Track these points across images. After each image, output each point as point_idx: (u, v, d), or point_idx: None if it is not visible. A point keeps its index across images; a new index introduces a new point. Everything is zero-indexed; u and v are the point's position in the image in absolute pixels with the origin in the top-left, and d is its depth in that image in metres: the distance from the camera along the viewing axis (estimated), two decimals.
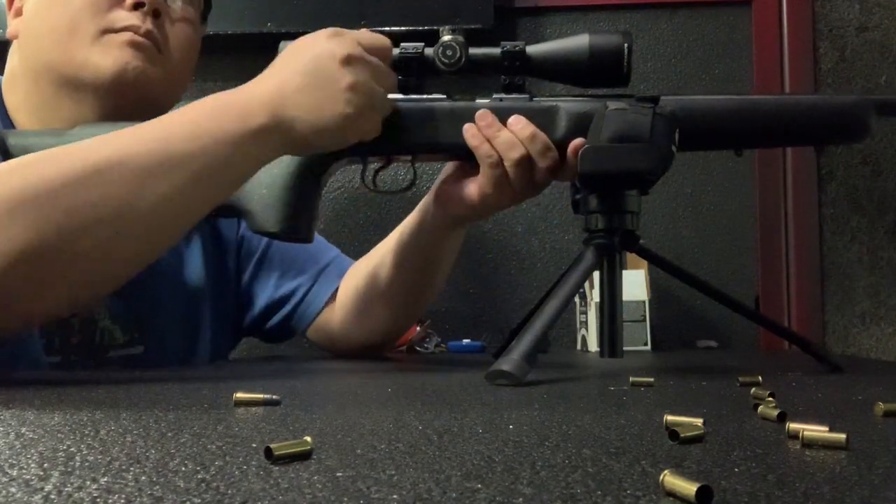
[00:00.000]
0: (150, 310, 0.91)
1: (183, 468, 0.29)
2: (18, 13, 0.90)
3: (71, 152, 0.66)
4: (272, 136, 0.69)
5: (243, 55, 1.36)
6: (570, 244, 1.39)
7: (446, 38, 0.76)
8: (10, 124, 0.89)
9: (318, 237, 0.96)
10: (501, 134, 0.75)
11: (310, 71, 0.69)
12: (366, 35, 0.73)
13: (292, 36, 0.83)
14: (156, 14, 0.88)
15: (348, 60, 0.69)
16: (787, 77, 1.39)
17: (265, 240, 0.99)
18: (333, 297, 1.00)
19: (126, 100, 0.86)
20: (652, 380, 0.60)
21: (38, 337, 0.83)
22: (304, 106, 0.69)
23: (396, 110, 0.77)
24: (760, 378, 0.60)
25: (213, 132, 0.67)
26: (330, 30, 0.72)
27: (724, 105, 0.76)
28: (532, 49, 0.76)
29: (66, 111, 0.86)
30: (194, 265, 0.96)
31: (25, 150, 0.79)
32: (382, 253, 0.94)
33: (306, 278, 1.00)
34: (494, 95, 0.78)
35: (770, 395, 0.49)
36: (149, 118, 0.89)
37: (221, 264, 1.00)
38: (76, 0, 0.85)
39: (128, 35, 0.86)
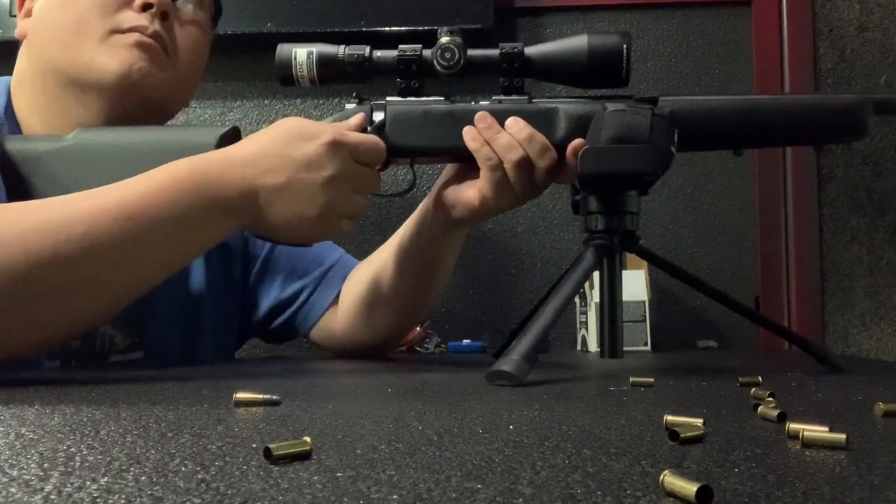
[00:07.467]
0: (151, 315, 0.91)
1: (183, 468, 0.29)
2: (28, 14, 0.90)
3: (51, 216, 0.66)
4: (242, 219, 0.73)
5: (243, 55, 1.37)
6: (570, 244, 1.39)
7: (444, 39, 0.76)
8: (16, 126, 0.88)
9: None
10: (501, 136, 0.75)
11: (294, 178, 0.72)
12: (363, 143, 0.74)
13: (292, 37, 0.82)
14: (164, 16, 0.87)
15: (332, 180, 0.72)
16: (787, 77, 1.39)
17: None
18: (336, 299, 1.00)
19: (132, 102, 0.86)
20: (652, 380, 0.60)
21: None
22: (277, 208, 0.72)
23: (396, 114, 0.77)
24: (760, 378, 0.60)
25: (193, 211, 0.70)
26: (333, 137, 0.73)
27: (724, 105, 0.76)
28: (531, 50, 0.76)
29: (73, 113, 0.86)
30: (197, 270, 0.95)
31: (23, 155, 0.79)
32: (384, 257, 0.94)
33: (310, 280, 1.01)
34: (494, 97, 0.78)
35: (770, 395, 0.49)
36: (155, 122, 0.89)
37: (226, 268, 0.99)
38: (84, 0, 0.85)
39: (135, 36, 0.85)
